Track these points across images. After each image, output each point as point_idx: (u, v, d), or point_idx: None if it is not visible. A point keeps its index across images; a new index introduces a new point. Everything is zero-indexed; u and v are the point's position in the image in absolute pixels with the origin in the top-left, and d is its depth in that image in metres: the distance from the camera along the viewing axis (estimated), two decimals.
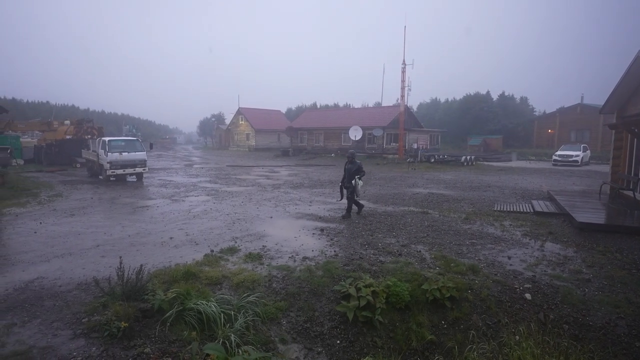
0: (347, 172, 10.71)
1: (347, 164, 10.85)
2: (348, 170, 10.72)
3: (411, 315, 5.59)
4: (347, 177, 10.68)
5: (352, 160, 10.84)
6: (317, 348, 5.08)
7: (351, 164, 10.77)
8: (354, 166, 10.69)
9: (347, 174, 10.72)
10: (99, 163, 18.77)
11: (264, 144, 51.99)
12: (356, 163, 10.79)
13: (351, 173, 10.61)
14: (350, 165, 10.74)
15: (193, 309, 4.77)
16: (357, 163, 10.80)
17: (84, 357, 3.75)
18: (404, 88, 33.14)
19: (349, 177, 10.59)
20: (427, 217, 10.58)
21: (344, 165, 11.02)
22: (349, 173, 10.65)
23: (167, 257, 7.00)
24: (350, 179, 10.53)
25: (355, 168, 10.63)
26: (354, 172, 10.59)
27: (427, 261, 6.98)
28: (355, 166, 10.68)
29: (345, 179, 10.78)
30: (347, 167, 10.78)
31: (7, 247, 7.65)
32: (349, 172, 10.66)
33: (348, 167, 10.76)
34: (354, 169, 10.64)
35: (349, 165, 10.77)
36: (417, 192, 15.39)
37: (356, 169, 10.62)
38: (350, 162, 10.83)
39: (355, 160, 10.88)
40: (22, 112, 61.67)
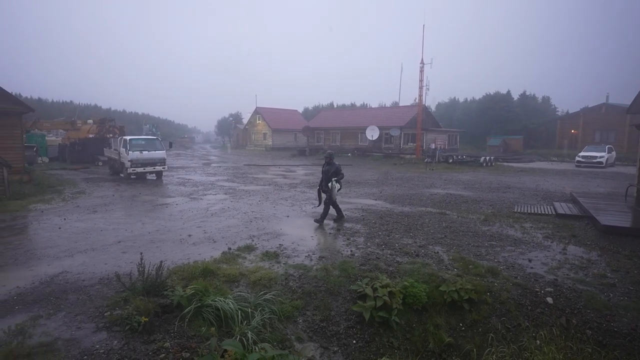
0: (325, 175, 9.79)
1: (325, 166, 9.89)
2: (326, 172, 9.77)
3: (428, 317, 5.54)
4: (324, 179, 9.77)
5: (329, 162, 9.85)
6: (333, 347, 5.08)
7: (329, 166, 9.79)
8: (331, 168, 9.70)
9: (324, 176, 9.80)
10: (120, 161, 19.20)
11: (280, 143, 52.24)
12: (334, 164, 9.78)
13: (328, 175, 9.64)
14: (328, 167, 9.77)
15: (211, 306, 4.83)
16: (336, 165, 9.79)
17: (106, 350, 3.84)
18: (422, 87, 32.85)
19: (327, 180, 9.64)
20: (445, 218, 10.45)
21: (322, 167, 10.14)
22: (326, 175, 9.71)
23: (186, 254, 7.11)
24: (328, 181, 9.58)
25: (333, 170, 9.66)
26: (332, 174, 9.61)
27: (444, 262, 6.90)
28: (333, 168, 9.69)
29: (322, 182, 9.90)
30: (325, 169, 9.83)
31: (33, 242, 7.91)
32: (326, 174, 9.72)
33: (325, 169, 9.81)
34: (331, 170, 9.66)
35: (327, 167, 9.81)
36: (435, 192, 15.22)
37: (334, 171, 9.64)
38: (328, 163, 9.85)
39: (334, 162, 9.87)
40: (48, 112, 63.52)
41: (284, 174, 22.60)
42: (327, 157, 9.98)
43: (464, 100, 67.72)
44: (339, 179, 9.64)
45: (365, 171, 24.69)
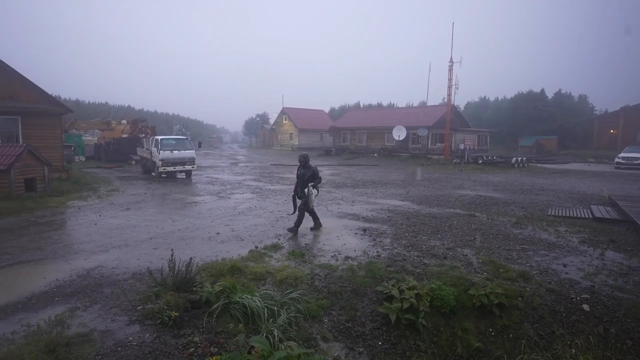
0: (300, 179, 8.88)
1: (300, 169, 9.00)
2: (301, 176, 8.86)
3: (456, 321, 5.42)
4: (300, 184, 8.90)
5: (305, 164, 8.96)
6: (358, 348, 5.06)
7: (304, 169, 8.89)
8: (307, 171, 8.81)
9: (299, 181, 8.91)
10: (152, 160, 19.81)
11: (306, 143, 52.47)
12: (311, 167, 8.89)
13: (304, 180, 8.76)
14: (304, 171, 8.87)
15: (238, 303, 4.90)
16: (312, 167, 8.91)
17: (138, 342, 3.97)
18: (451, 87, 32.17)
19: (302, 185, 8.78)
20: (474, 220, 10.20)
21: (296, 171, 9.22)
22: (302, 180, 8.81)
23: (214, 251, 7.25)
24: (304, 186, 8.72)
25: (309, 174, 8.76)
26: (308, 179, 8.73)
27: (474, 265, 6.73)
28: (310, 171, 8.79)
29: (298, 187, 9.04)
30: (300, 173, 8.93)
31: (71, 237, 8.28)
32: (302, 178, 8.82)
33: (301, 173, 8.91)
34: (307, 174, 8.76)
35: (302, 171, 8.90)
36: (464, 194, 14.89)
37: (311, 175, 8.75)
38: (303, 166, 8.95)
39: (310, 164, 9.01)
40: (84, 113, 66.34)
41: None
42: (302, 159, 9.04)
43: (495, 99, 65.96)
44: (316, 183, 8.78)
45: (392, 171, 24.45)
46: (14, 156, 12.24)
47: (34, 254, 6.93)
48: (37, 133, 16.22)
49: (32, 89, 16.59)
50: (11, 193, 11.98)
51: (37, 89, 16.74)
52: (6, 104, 15.68)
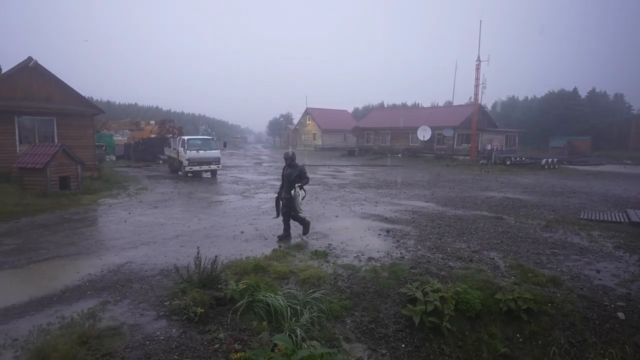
0: (286, 179, 8.17)
1: (286, 169, 8.26)
2: (287, 176, 8.15)
3: (482, 325, 5.31)
4: (286, 185, 8.15)
5: (291, 164, 8.22)
6: (381, 350, 5.02)
7: (291, 168, 8.17)
8: (294, 171, 8.11)
9: (285, 182, 8.20)
10: (179, 160, 20.27)
11: (330, 143, 52.51)
12: (297, 167, 8.18)
13: (290, 180, 8.06)
14: (290, 170, 8.15)
15: (262, 301, 4.95)
16: (299, 167, 8.19)
17: (165, 337, 4.08)
18: (478, 86, 31.51)
19: (289, 186, 8.07)
20: (502, 222, 9.94)
21: (282, 171, 8.47)
22: (288, 180, 8.11)
23: (239, 250, 7.35)
24: (290, 187, 8.02)
25: (296, 173, 8.07)
26: (294, 179, 8.04)
27: (500, 269, 6.57)
28: (297, 171, 8.10)
29: (283, 189, 8.30)
30: (286, 173, 8.21)
31: (102, 233, 8.58)
32: (288, 178, 8.11)
33: (287, 173, 8.18)
34: (294, 174, 8.06)
35: (288, 170, 8.18)
36: (491, 195, 14.54)
37: (298, 175, 8.06)
38: (289, 165, 8.22)
39: (296, 163, 8.29)
40: (115, 113, 68.60)
41: (333, 174, 22.70)
42: (288, 157, 8.26)
43: (524, 98, 64.16)
44: (304, 184, 8.07)
45: (416, 172, 24.15)
46: (50, 155, 12.78)
47: (68, 249, 7.22)
48: (71, 133, 16.90)
49: (67, 91, 17.30)
50: (47, 190, 12.52)
51: (71, 91, 17.43)
52: (43, 105, 16.41)
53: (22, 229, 8.73)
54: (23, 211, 10.31)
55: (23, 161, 12.94)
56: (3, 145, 15.49)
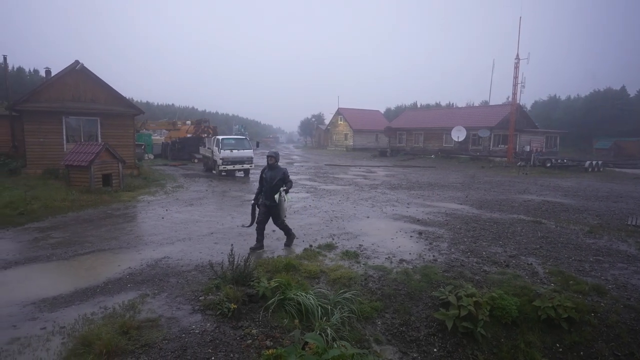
0: (267, 183, 7.24)
1: (267, 171, 7.34)
2: (269, 179, 7.23)
3: (519, 333, 5.12)
4: (267, 189, 7.24)
5: (274, 165, 7.32)
6: (412, 353, 4.95)
7: (273, 171, 7.28)
8: (276, 174, 7.24)
9: (267, 185, 7.25)
10: (213, 159, 20.80)
11: (361, 144, 52.25)
12: (280, 169, 7.37)
13: (273, 185, 7.17)
14: (272, 173, 7.26)
15: (293, 299, 5.00)
16: (282, 169, 7.39)
17: (200, 331, 4.21)
18: (517, 85, 30.41)
19: (270, 190, 7.17)
20: (541, 227, 9.55)
21: (261, 172, 7.47)
22: (270, 184, 7.20)
23: (270, 248, 7.45)
24: (273, 192, 7.13)
25: (279, 177, 7.21)
26: (278, 182, 7.19)
27: (539, 275, 6.31)
28: (280, 174, 7.24)
29: (262, 194, 7.40)
30: (268, 175, 7.28)
31: (141, 229, 8.94)
32: (270, 182, 7.20)
33: (268, 176, 7.26)
34: (277, 177, 7.20)
35: (270, 173, 7.27)
36: (529, 199, 13.99)
37: (281, 179, 7.22)
38: (272, 167, 7.31)
39: (279, 165, 7.48)
40: (153, 114, 71.26)
41: (364, 175, 22.57)
42: (271, 157, 7.36)
43: (566, 98, 61.29)
44: (289, 187, 7.30)
45: (450, 174, 23.61)
46: (94, 154, 13.44)
47: (110, 243, 7.58)
48: (113, 132, 17.72)
49: (110, 92, 18.15)
50: (91, 187, 13.17)
51: (114, 92, 18.27)
52: (88, 106, 17.30)
53: (68, 223, 9.23)
54: (69, 206, 10.90)
55: (69, 159, 13.68)
56: (52, 143, 16.46)
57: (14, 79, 38.18)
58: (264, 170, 7.37)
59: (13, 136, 18.32)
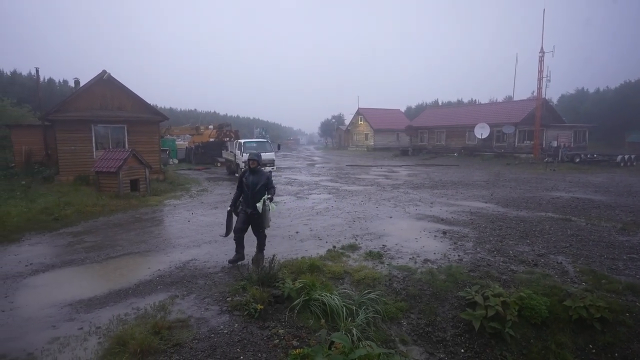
0: (249, 188, 6.36)
1: (248, 175, 6.45)
2: (251, 185, 6.34)
3: (549, 333, 5.01)
4: (248, 196, 6.38)
5: (256, 169, 6.45)
6: (439, 354, 4.91)
7: (255, 175, 6.40)
8: (259, 178, 6.38)
9: (248, 191, 6.38)
10: (236, 162, 21.12)
11: (382, 143, 51.93)
12: (264, 173, 6.54)
13: (256, 191, 6.31)
14: (255, 177, 6.38)
15: (318, 300, 5.05)
16: (266, 173, 6.59)
17: (229, 331, 4.31)
18: (542, 79, 29.60)
19: (252, 197, 6.31)
20: (570, 224, 9.28)
21: (241, 177, 6.59)
22: (252, 190, 6.32)
23: (294, 249, 7.54)
24: (255, 199, 6.26)
25: (262, 182, 6.35)
26: (261, 189, 6.32)
27: (569, 274, 6.14)
28: (263, 179, 6.40)
29: (242, 200, 6.56)
30: (249, 180, 6.38)
31: (169, 232, 9.19)
32: (252, 188, 6.32)
33: (250, 181, 6.36)
34: (260, 182, 6.34)
35: (252, 177, 6.38)
36: (557, 196, 13.60)
37: (264, 184, 6.35)
38: (253, 170, 6.43)
39: (262, 169, 6.62)
40: (177, 119, 72.81)
41: (386, 175, 22.43)
42: (253, 160, 6.44)
43: (595, 90, 59.20)
44: (273, 194, 6.44)
45: (474, 172, 23.19)
46: (122, 160, 13.89)
47: (139, 247, 7.83)
48: (139, 139, 18.25)
49: (136, 100, 18.71)
50: (119, 192, 13.62)
51: (140, 100, 18.83)
52: (116, 114, 17.89)
53: (100, 227, 9.59)
54: (100, 211, 11.31)
55: (99, 165, 14.18)
56: (82, 151, 17.09)
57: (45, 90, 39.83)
58: (245, 174, 6.51)
59: (46, 145, 19.13)
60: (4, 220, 9.64)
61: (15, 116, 30.19)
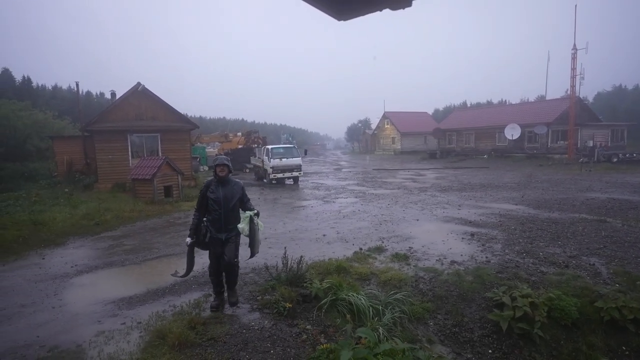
0: (222, 205, 4.86)
1: (214, 187, 4.93)
2: (223, 199, 4.86)
3: (580, 335, 4.93)
4: (222, 215, 4.87)
5: (225, 179, 4.95)
6: (466, 354, 4.94)
7: (226, 187, 4.94)
8: (234, 190, 4.97)
9: (221, 210, 4.86)
10: (264, 168, 21.55)
11: (409, 146, 51.45)
12: (237, 183, 5.08)
13: (231, 207, 4.91)
14: (226, 190, 4.92)
15: (344, 300, 5.18)
16: (239, 183, 5.12)
17: (259, 327, 4.51)
18: (575, 77, 28.61)
19: (226, 217, 4.89)
20: (605, 226, 8.99)
21: (204, 191, 4.99)
22: (227, 207, 4.88)
23: (321, 251, 7.70)
24: (231, 219, 4.94)
25: (238, 194, 4.99)
26: (237, 203, 5.00)
27: (602, 276, 6.01)
28: (238, 190, 5.02)
29: (209, 225, 4.94)
30: (220, 194, 4.87)
31: None
32: (226, 203, 4.87)
33: (221, 194, 4.87)
34: (236, 196, 4.96)
35: (223, 190, 4.89)
36: (592, 197, 13.15)
37: (240, 198, 5.02)
38: (224, 181, 4.94)
39: (233, 179, 5.10)
40: (206, 127, 74.66)
41: (413, 178, 22.28)
42: (222, 166, 4.95)
43: (634, 87, 56.40)
44: (257, 212, 5.09)
45: (504, 173, 22.68)
46: (156, 167, 14.52)
47: (174, 249, 8.21)
48: (172, 147, 19.00)
49: (169, 110, 19.50)
50: (154, 198, 14.23)
51: (172, 110, 19.62)
52: (150, 123, 18.71)
53: (137, 231, 10.09)
54: (137, 216, 11.88)
55: (135, 173, 14.88)
56: (119, 160, 17.97)
57: (83, 103, 41.96)
58: (209, 188, 4.94)
59: (85, 154, 20.21)
60: (50, 225, 10.32)
61: (57, 128, 32.09)
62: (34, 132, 29.75)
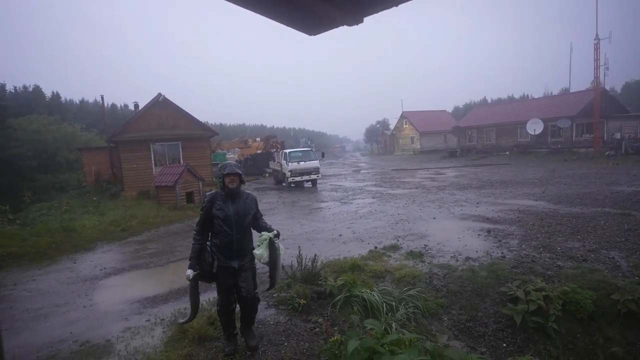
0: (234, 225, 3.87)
1: (221, 202, 3.92)
2: (234, 216, 3.86)
3: (597, 328, 4.90)
4: (233, 238, 3.84)
5: (237, 191, 3.99)
6: (480, 348, 4.98)
7: (237, 202, 3.96)
8: (247, 205, 4.03)
9: (232, 231, 3.84)
10: (282, 172, 21.86)
11: (429, 146, 50.96)
12: (250, 196, 4.19)
13: (244, 225, 3.94)
14: (237, 206, 3.94)
15: (358, 296, 5.30)
16: (252, 196, 4.25)
17: (275, 322, 4.70)
18: (598, 68, 27.79)
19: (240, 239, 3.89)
20: (629, 219, 8.79)
21: (207, 207, 3.95)
22: (240, 226, 3.89)
23: (337, 251, 7.84)
24: (245, 242, 3.96)
25: (253, 210, 4.07)
26: (251, 221, 4.05)
27: (622, 269, 5.92)
28: (252, 205, 4.11)
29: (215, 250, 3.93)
30: (230, 211, 3.86)
31: None
32: (239, 222, 3.89)
33: (232, 211, 3.87)
34: (250, 212, 4.03)
35: (233, 207, 3.90)
36: (618, 190, 12.80)
37: (254, 214, 4.10)
38: (234, 194, 3.95)
39: (245, 191, 4.20)
40: (226, 134, 76.03)
41: (432, 177, 22.14)
42: (232, 175, 3.96)
43: None
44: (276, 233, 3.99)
45: (526, 169, 22.26)
46: (178, 174, 15.01)
47: None
48: (192, 154, 19.57)
49: (189, 119, 20.10)
50: (176, 204, 14.70)
51: (192, 118, 20.21)
52: (171, 132, 19.33)
53: (161, 235, 10.49)
54: (160, 221, 12.33)
55: (158, 180, 15.42)
56: (143, 168, 18.64)
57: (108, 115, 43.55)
58: (215, 203, 3.92)
59: (112, 164, 21.03)
60: (80, 232, 10.86)
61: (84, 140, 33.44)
62: (63, 144, 31.12)
